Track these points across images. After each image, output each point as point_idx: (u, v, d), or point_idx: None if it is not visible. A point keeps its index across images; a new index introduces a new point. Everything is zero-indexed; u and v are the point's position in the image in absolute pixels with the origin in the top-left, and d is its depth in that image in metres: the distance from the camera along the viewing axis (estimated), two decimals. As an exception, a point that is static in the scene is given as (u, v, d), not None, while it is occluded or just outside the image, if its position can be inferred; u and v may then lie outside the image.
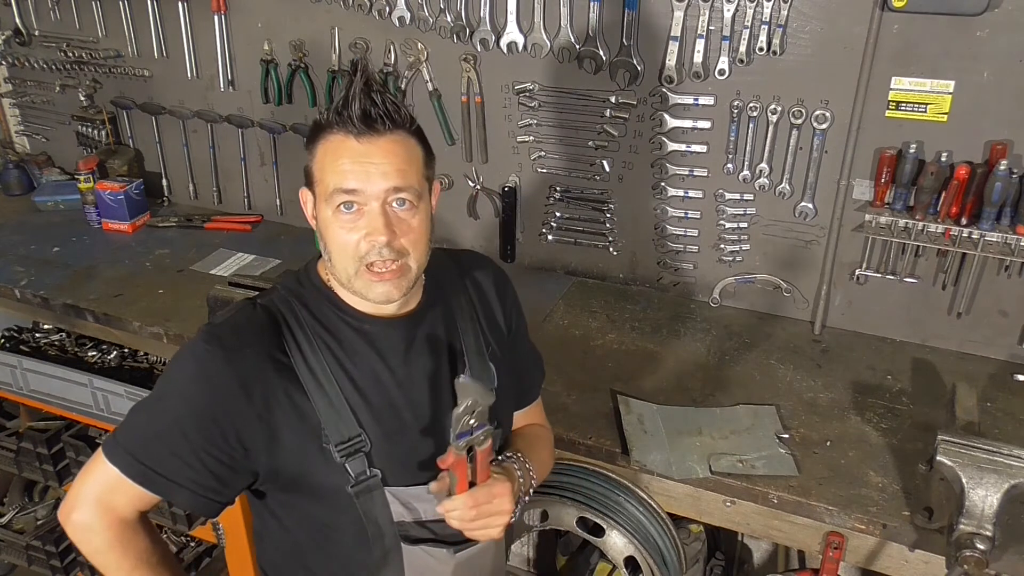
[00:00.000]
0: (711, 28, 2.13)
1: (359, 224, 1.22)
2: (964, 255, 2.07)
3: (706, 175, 2.31)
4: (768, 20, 2.07)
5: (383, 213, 1.22)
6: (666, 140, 2.30)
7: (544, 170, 2.51)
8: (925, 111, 2.00)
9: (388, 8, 2.46)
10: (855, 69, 2.02)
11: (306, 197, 1.31)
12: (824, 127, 2.11)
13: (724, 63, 2.15)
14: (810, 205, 2.21)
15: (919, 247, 2.11)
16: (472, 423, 1.20)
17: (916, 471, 1.67)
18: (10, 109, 3.34)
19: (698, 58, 2.17)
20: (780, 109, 2.14)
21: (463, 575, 1.39)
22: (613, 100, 2.32)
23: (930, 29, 1.93)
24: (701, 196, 2.34)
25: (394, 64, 2.54)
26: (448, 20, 2.40)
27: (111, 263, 2.68)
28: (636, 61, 2.24)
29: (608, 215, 2.49)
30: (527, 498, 1.39)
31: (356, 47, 2.56)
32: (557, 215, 2.56)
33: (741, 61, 2.13)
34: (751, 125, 2.19)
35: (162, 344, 2.34)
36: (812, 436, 1.87)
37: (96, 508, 1.28)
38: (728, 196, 2.31)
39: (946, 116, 1.98)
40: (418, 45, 2.49)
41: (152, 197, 3.07)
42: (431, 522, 1.34)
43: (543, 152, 2.49)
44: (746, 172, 2.25)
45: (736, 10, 2.09)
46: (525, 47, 2.35)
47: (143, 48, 2.90)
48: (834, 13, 2.01)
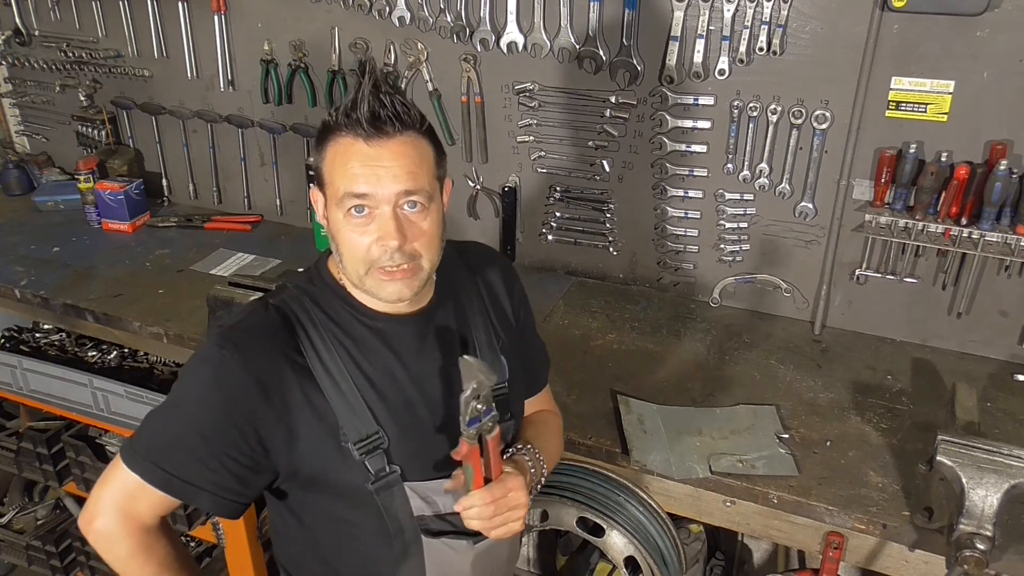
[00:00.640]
0: (711, 28, 2.13)
1: (370, 228, 1.22)
2: (964, 255, 2.06)
3: (706, 175, 2.31)
4: (768, 20, 2.07)
5: (394, 217, 1.21)
6: (666, 140, 2.30)
7: (544, 170, 2.51)
8: (925, 111, 2.00)
9: (388, 8, 2.46)
10: (855, 69, 2.02)
11: (316, 197, 1.31)
12: (824, 127, 2.11)
13: (724, 63, 2.15)
14: (810, 205, 2.21)
15: (919, 247, 2.11)
16: (480, 407, 1.21)
17: (916, 471, 1.67)
18: (10, 109, 3.34)
19: (698, 58, 2.17)
20: (780, 109, 2.14)
21: (482, 565, 1.41)
22: (613, 100, 2.32)
23: (930, 29, 1.93)
24: (701, 196, 2.34)
25: (394, 64, 2.54)
26: (448, 20, 2.40)
27: (111, 263, 2.68)
28: (636, 61, 2.24)
29: (608, 215, 2.49)
30: (539, 487, 1.41)
31: (356, 47, 2.56)
32: (557, 215, 2.56)
33: (741, 61, 2.13)
34: (751, 125, 2.19)
35: (162, 344, 2.34)
36: (812, 436, 1.87)
37: (117, 515, 1.28)
38: (728, 196, 2.31)
39: (946, 116, 1.98)
40: (418, 45, 2.49)
41: (152, 197, 3.07)
42: (450, 515, 1.35)
43: (543, 152, 2.49)
44: (746, 172, 2.25)
45: (736, 10, 2.09)
46: (525, 47, 2.35)
47: (143, 48, 2.90)
48: (834, 13, 2.01)
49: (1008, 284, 2.09)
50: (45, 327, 2.78)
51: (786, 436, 1.86)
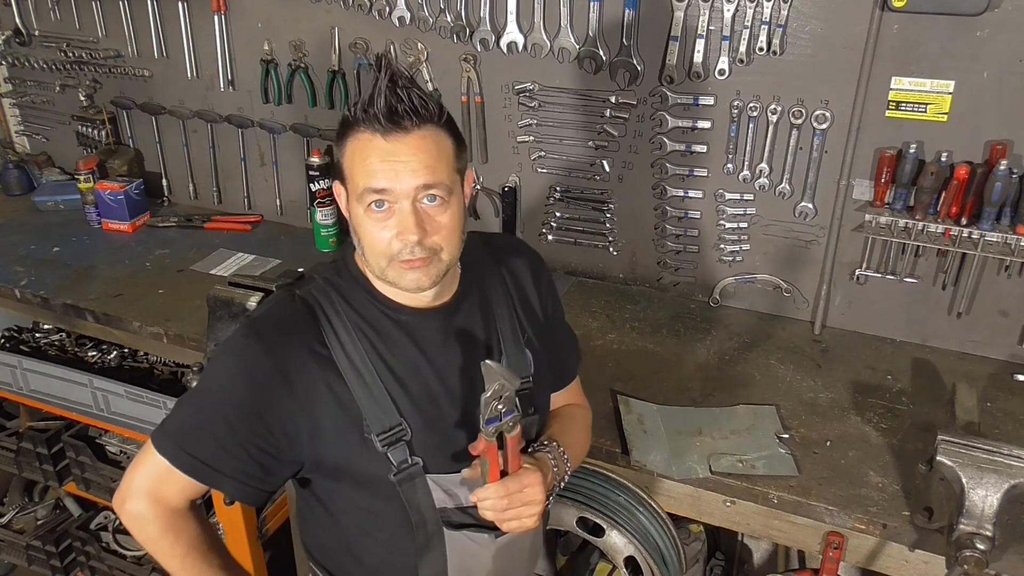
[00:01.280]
0: (711, 28, 2.13)
1: (390, 223, 1.23)
2: (964, 255, 2.06)
3: (706, 175, 2.31)
4: (768, 20, 2.07)
5: (413, 211, 1.22)
6: (666, 140, 2.30)
7: (544, 170, 2.51)
8: (925, 111, 2.00)
9: (388, 8, 2.46)
10: (855, 69, 2.02)
11: (339, 191, 1.32)
12: (824, 127, 2.11)
13: (724, 63, 2.15)
14: (810, 205, 2.21)
15: (919, 247, 2.11)
16: (501, 408, 1.21)
17: (916, 471, 1.67)
18: (10, 109, 3.34)
19: (698, 58, 2.17)
20: (780, 109, 2.14)
21: (503, 558, 1.42)
22: (613, 100, 2.32)
23: (930, 29, 1.93)
24: (701, 196, 2.34)
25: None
26: (448, 20, 2.40)
27: (111, 263, 2.68)
28: (636, 61, 2.24)
29: (608, 215, 2.49)
30: (563, 484, 1.40)
31: (356, 47, 2.56)
32: (557, 215, 2.56)
33: (741, 61, 2.13)
34: (751, 125, 2.19)
35: (162, 344, 2.34)
36: (812, 436, 1.87)
37: (148, 498, 1.32)
38: (728, 196, 2.31)
39: (946, 116, 1.98)
40: (418, 45, 2.49)
41: (152, 197, 3.07)
42: (472, 508, 1.35)
43: (543, 152, 2.49)
44: (746, 172, 2.25)
45: (736, 10, 2.09)
46: (525, 47, 2.35)
47: (143, 48, 2.90)
48: (834, 13, 2.01)
49: (1008, 284, 2.09)
50: (45, 327, 2.78)
51: (786, 436, 1.86)
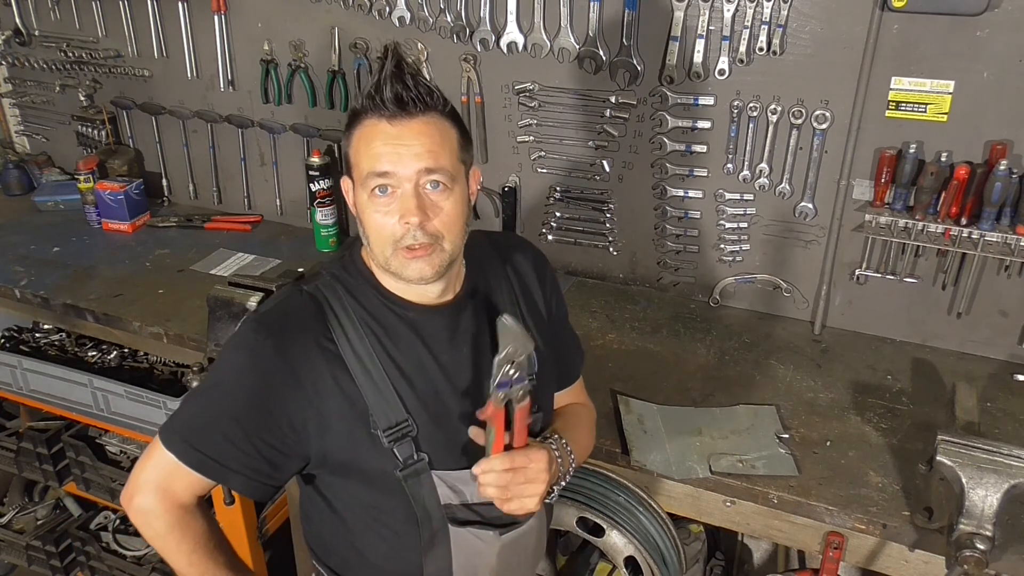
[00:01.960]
0: (711, 28, 2.13)
1: (393, 207, 1.24)
2: (964, 255, 2.06)
3: (706, 175, 2.31)
4: (768, 20, 2.07)
5: (416, 195, 1.23)
6: (666, 140, 2.30)
7: (544, 170, 2.51)
8: (925, 111, 2.00)
9: (388, 8, 2.46)
10: (855, 69, 2.02)
11: (347, 185, 1.33)
12: (824, 127, 2.11)
13: (724, 63, 2.15)
14: (810, 205, 2.21)
15: (919, 247, 2.11)
16: (512, 373, 1.20)
17: (916, 471, 1.67)
18: (10, 109, 3.34)
19: (698, 58, 2.17)
20: (780, 109, 2.14)
21: (508, 556, 1.42)
22: (613, 100, 2.32)
23: (930, 29, 1.93)
24: (701, 196, 2.34)
25: (394, 64, 2.54)
26: (448, 20, 2.40)
27: (111, 263, 2.68)
28: (636, 61, 2.24)
29: (608, 215, 2.49)
30: (567, 478, 1.40)
31: (356, 47, 2.56)
32: (557, 215, 2.56)
33: (741, 61, 2.13)
34: (751, 125, 2.19)
35: (162, 344, 2.34)
36: (812, 436, 1.87)
37: (156, 493, 1.32)
38: (728, 196, 2.30)
39: (946, 116, 1.98)
40: (418, 45, 2.49)
41: (152, 197, 3.07)
42: (477, 505, 1.36)
43: (543, 152, 2.49)
44: (746, 172, 2.25)
45: (736, 10, 2.09)
46: (525, 47, 2.35)
47: (143, 48, 2.90)
48: (834, 13, 2.01)
49: (1008, 284, 2.09)
50: (45, 327, 2.78)
51: (786, 436, 1.86)
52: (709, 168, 2.30)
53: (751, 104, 2.16)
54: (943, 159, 2.01)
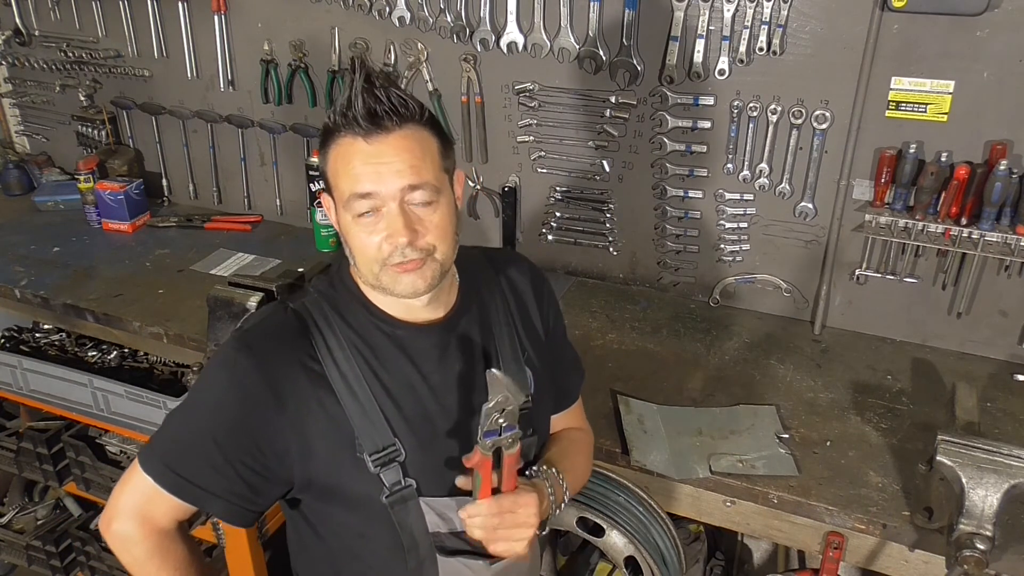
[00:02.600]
0: (711, 28, 2.13)
1: (379, 227, 1.19)
2: (964, 255, 2.06)
3: (706, 175, 2.31)
4: (768, 20, 2.07)
5: (401, 213, 1.18)
6: (666, 140, 2.30)
7: (544, 170, 2.51)
8: (925, 111, 2.00)
9: (388, 8, 2.46)
10: (855, 69, 2.02)
11: (328, 203, 1.28)
12: (824, 127, 2.11)
13: (724, 63, 2.15)
14: (810, 205, 2.21)
15: (919, 247, 2.11)
16: (501, 422, 1.17)
17: (916, 471, 1.67)
18: (10, 109, 3.34)
19: (698, 58, 2.17)
20: (780, 109, 2.14)
21: None
22: (613, 100, 2.32)
23: (930, 29, 1.93)
24: (701, 196, 2.34)
25: (394, 64, 2.54)
26: (448, 20, 2.40)
27: (111, 263, 2.68)
28: (636, 61, 2.24)
29: (608, 215, 2.49)
30: (559, 511, 1.36)
31: (356, 47, 2.56)
32: (557, 215, 2.56)
33: (741, 61, 2.13)
34: (751, 125, 2.19)
35: (162, 344, 2.34)
36: (812, 436, 1.87)
37: (135, 519, 1.28)
38: (728, 196, 2.30)
39: (946, 116, 1.98)
40: (418, 45, 2.49)
41: (152, 197, 3.07)
42: (466, 533, 1.30)
43: (543, 152, 2.49)
44: (746, 172, 2.25)
45: (736, 10, 2.09)
46: (525, 47, 2.35)
47: (143, 48, 2.90)
48: (834, 13, 2.01)
49: (1008, 284, 2.09)
50: (45, 327, 2.77)
51: (786, 436, 1.86)
52: (709, 168, 2.30)
53: (751, 104, 2.16)
54: (943, 159, 2.01)
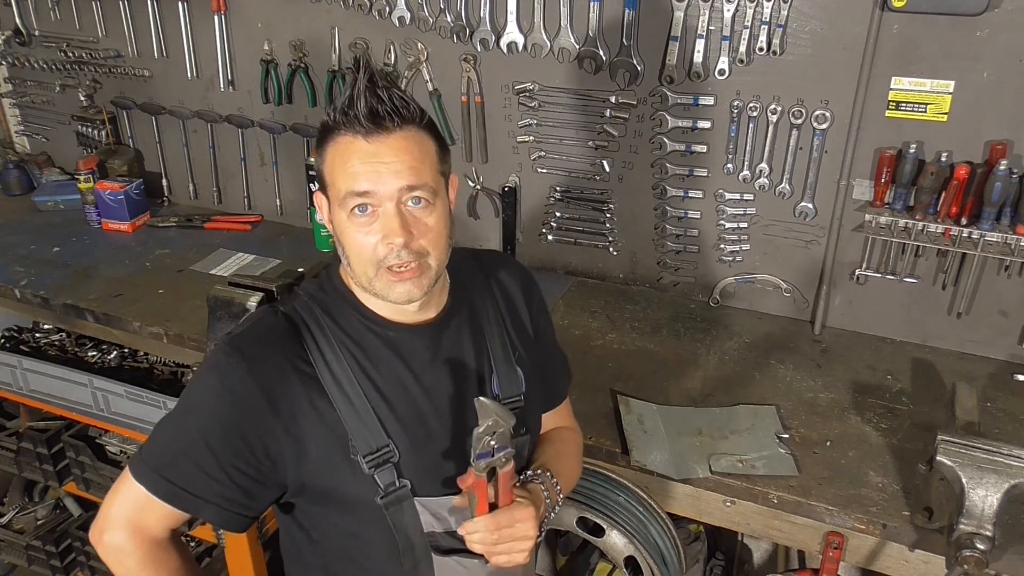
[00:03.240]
0: (711, 28, 2.13)
1: (375, 227, 1.19)
2: (964, 255, 2.07)
3: (706, 175, 2.31)
4: (768, 20, 2.07)
5: (398, 214, 1.18)
6: (666, 140, 2.30)
7: (544, 170, 2.51)
8: (925, 111, 2.00)
9: (388, 8, 2.46)
10: (855, 69, 2.02)
11: (321, 201, 1.28)
12: (824, 127, 2.11)
13: (724, 63, 2.15)
14: (810, 205, 2.21)
15: (919, 247, 2.11)
16: (493, 444, 1.17)
17: (916, 471, 1.67)
18: (10, 109, 3.34)
19: (698, 58, 2.17)
20: (780, 109, 2.14)
21: None
22: (613, 100, 2.32)
23: (930, 29, 1.93)
24: (701, 196, 2.34)
25: (394, 64, 2.54)
26: (448, 20, 2.40)
27: (111, 263, 2.68)
28: (636, 61, 2.24)
29: (608, 215, 2.49)
30: (553, 514, 1.36)
31: (356, 47, 2.56)
32: (557, 215, 2.56)
33: (741, 61, 2.13)
34: (751, 125, 2.19)
35: (162, 344, 2.34)
36: (812, 436, 1.87)
37: (127, 528, 1.26)
38: (728, 196, 2.30)
39: (946, 116, 1.98)
40: (418, 45, 2.49)
41: (152, 197, 3.07)
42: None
43: (543, 152, 2.49)
44: (746, 172, 2.25)
45: (736, 10, 2.09)
46: (525, 47, 2.35)
47: (143, 48, 2.90)
48: (834, 13, 2.01)
49: (1008, 284, 2.09)
50: (45, 327, 2.78)
51: (786, 436, 1.86)
52: (709, 168, 2.30)
53: (751, 104, 2.16)
54: (943, 159, 2.01)
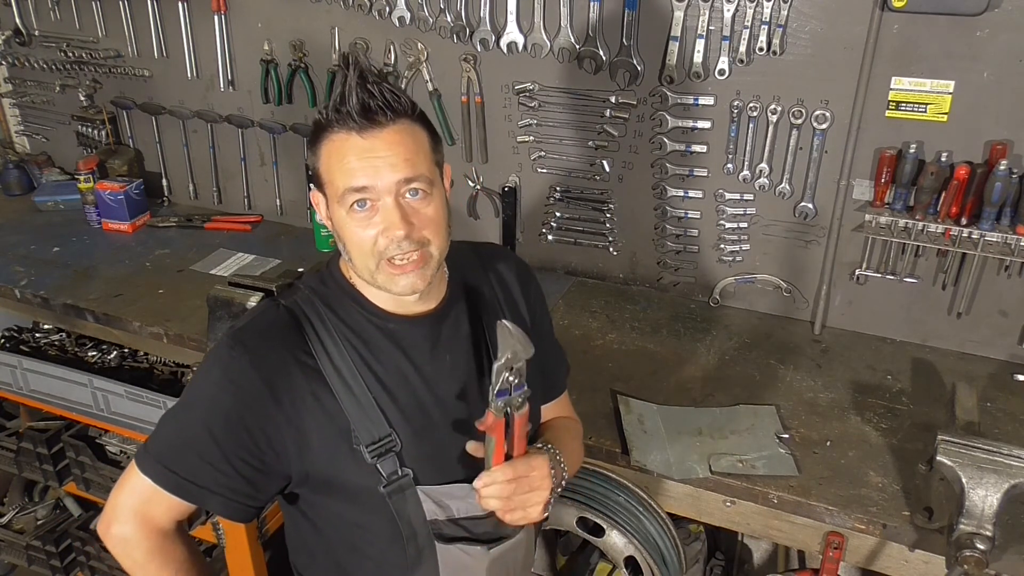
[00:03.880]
0: (711, 28, 2.13)
1: (374, 220, 1.20)
2: (964, 255, 2.06)
3: (706, 175, 2.31)
4: (768, 20, 2.07)
5: (397, 206, 1.20)
6: (666, 140, 2.30)
7: (544, 170, 2.51)
8: (925, 111, 2.00)
9: (388, 8, 2.46)
10: (855, 69, 2.02)
11: (317, 199, 1.29)
12: (824, 127, 2.11)
13: (724, 63, 2.15)
14: (810, 205, 2.21)
15: (919, 247, 2.11)
16: (512, 380, 1.18)
17: (916, 471, 1.67)
18: (10, 109, 3.34)
19: (698, 58, 2.17)
20: (780, 109, 2.14)
21: (497, 572, 1.39)
22: (613, 100, 2.32)
23: (930, 29, 1.93)
24: (701, 196, 2.34)
25: (394, 64, 2.54)
26: (448, 20, 2.40)
27: (111, 263, 2.68)
28: (636, 61, 2.24)
29: (608, 215, 2.49)
30: (559, 489, 1.37)
31: (356, 47, 2.56)
32: (557, 215, 2.56)
33: (741, 61, 2.13)
34: (751, 125, 2.19)
35: (162, 344, 2.34)
36: (812, 436, 1.87)
37: (134, 520, 1.28)
38: (728, 196, 2.30)
39: (946, 116, 1.98)
40: (418, 45, 2.49)
41: (152, 197, 3.07)
42: (464, 520, 1.33)
43: (543, 152, 2.49)
44: (746, 172, 2.25)
45: (736, 10, 2.09)
46: (525, 47, 2.35)
47: (143, 48, 2.90)
48: (834, 13, 2.01)
49: (1008, 284, 2.09)
50: (45, 327, 2.78)
51: (786, 436, 1.86)
52: (709, 168, 2.30)
53: (751, 104, 2.16)
54: (943, 159, 2.01)
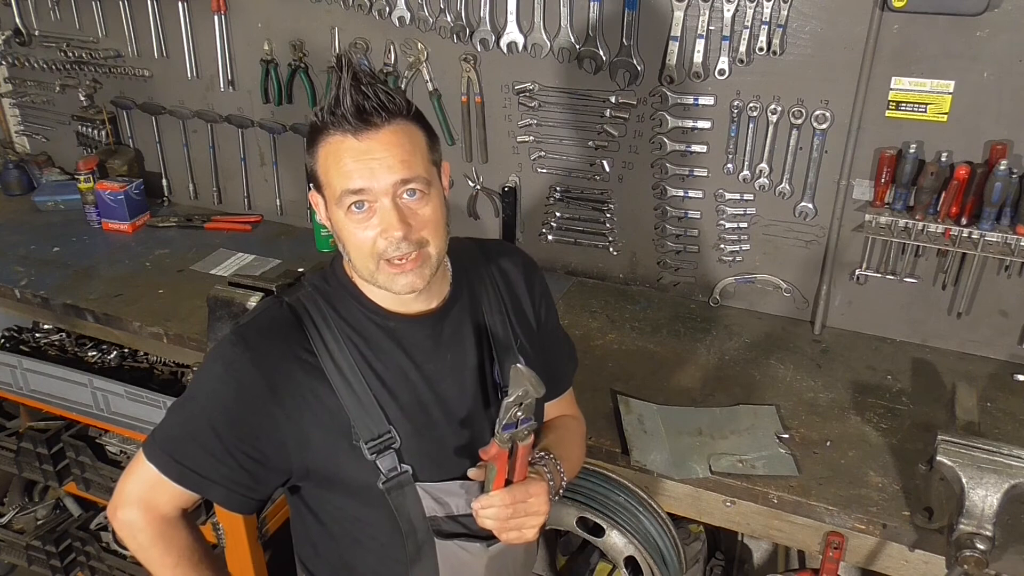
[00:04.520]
0: (711, 28, 2.13)
1: (372, 222, 1.21)
2: (964, 255, 2.07)
3: (706, 175, 2.31)
4: (768, 20, 2.07)
5: (395, 208, 1.20)
6: (666, 140, 2.30)
7: (544, 170, 2.51)
8: (925, 111, 2.00)
9: (388, 8, 2.46)
10: (855, 69, 2.02)
11: (316, 200, 1.30)
12: (824, 127, 2.11)
13: (724, 63, 2.15)
14: (810, 205, 2.21)
15: (919, 247, 2.11)
16: (519, 415, 1.20)
17: (916, 471, 1.67)
18: (10, 109, 3.34)
19: (698, 58, 2.17)
20: (780, 109, 2.14)
21: (496, 568, 1.40)
22: (613, 100, 2.32)
23: (930, 29, 1.93)
24: (701, 196, 2.34)
25: (394, 64, 2.54)
26: (448, 20, 2.40)
27: (111, 263, 2.68)
28: (636, 61, 2.24)
29: (608, 215, 2.49)
30: (556, 498, 1.38)
31: (356, 47, 2.56)
32: (557, 215, 2.56)
33: (741, 61, 2.13)
34: (751, 125, 2.19)
35: (162, 344, 2.34)
36: (812, 436, 1.87)
37: (139, 506, 1.32)
38: (728, 196, 2.30)
39: (946, 116, 1.98)
40: (418, 45, 2.49)
41: (152, 197, 3.07)
42: (463, 516, 1.34)
43: (543, 152, 2.49)
44: (746, 172, 2.25)
45: (736, 10, 2.09)
46: (525, 47, 2.35)
47: (143, 48, 2.90)
48: (834, 13, 2.01)
49: (1008, 284, 2.09)
50: (45, 327, 2.78)
51: (786, 436, 1.86)
52: (709, 168, 2.30)
53: (751, 104, 2.16)
54: (943, 159, 2.01)
